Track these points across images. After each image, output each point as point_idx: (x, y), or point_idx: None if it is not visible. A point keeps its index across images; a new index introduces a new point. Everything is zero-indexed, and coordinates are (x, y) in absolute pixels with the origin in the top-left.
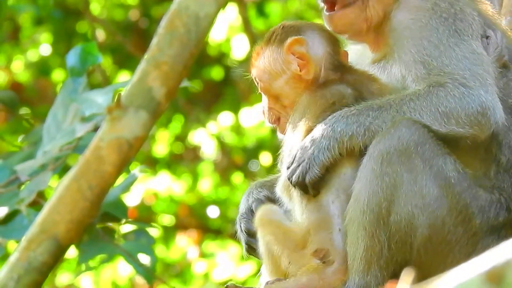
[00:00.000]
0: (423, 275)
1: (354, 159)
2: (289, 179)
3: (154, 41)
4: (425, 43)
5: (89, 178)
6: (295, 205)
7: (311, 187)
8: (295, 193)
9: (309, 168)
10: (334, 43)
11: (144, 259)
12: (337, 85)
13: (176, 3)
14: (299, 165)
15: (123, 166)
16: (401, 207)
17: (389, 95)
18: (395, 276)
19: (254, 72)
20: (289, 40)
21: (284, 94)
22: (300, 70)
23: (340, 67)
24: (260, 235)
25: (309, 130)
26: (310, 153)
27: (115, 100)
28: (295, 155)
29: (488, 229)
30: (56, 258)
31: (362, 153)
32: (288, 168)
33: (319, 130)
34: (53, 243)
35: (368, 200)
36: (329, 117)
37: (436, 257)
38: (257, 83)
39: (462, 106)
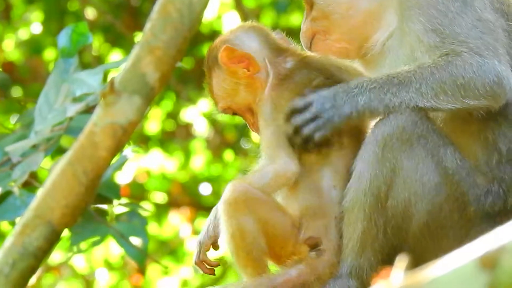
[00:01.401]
0: (416, 259)
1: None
2: (299, 128)
3: (147, 26)
4: (433, 11)
5: (83, 163)
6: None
7: (315, 144)
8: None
9: (323, 126)
10: (262, 32)
11: (136, 241)
12: (298, 72)
13: None
14: (313, 120)
15: (117, 150)
16: (399, 192)
17: (410, 67)
18: (388, 259)
19: (220, 104)
20: (219, 55)
21: (252, 100)
22: (248, 70)
23: (285, 52)
24: (231, 219)
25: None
26: (330, 115)
27: (109, 86)
28: (311, 108)
29: (483, 216)
30: (51, 243)
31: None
32: (298, 119)
33: (341, 94)
34: (48, 228)
35: (370, 182)
36: (352, 85)
37: (430, 242)
38: (225, 111)
39: (479, 76)
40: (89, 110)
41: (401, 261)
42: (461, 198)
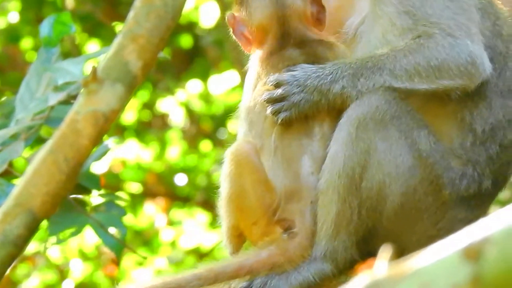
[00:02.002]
0: (391, 241)
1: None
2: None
3: (131, 14)
4: None
5: (65, 151)
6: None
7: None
8: (271, 143)
9: (287, 108)
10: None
11: (112, 231)
12: (285, 51)
13: None
14: (280, 100)
15: (98, 139)
16: (373, 174)
17: (383, 50)
18: (363, 242)
19: None
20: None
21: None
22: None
23: (288, 28)
24: (232, 173)
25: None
26: (297, 98)
27: (91, 73)
28: (281, 88)
29: (458, 199)
30: (31, 231)
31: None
32: (267, 96)
33: (313, 79)
34: (29, 216)
35: (344, 163)
36: (327, 71)
37: (405, 224)
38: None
39: (452, 57)
40: (70, 99)
41: (385, 251)
42: (436, 180)
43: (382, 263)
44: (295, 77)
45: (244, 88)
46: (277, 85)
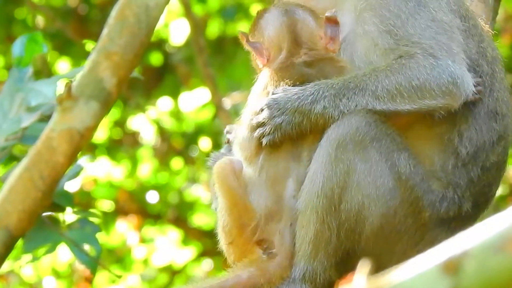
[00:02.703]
0: (372, 263)
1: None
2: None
3: (105, 31)
4: (386, 12)
5: (40, 168)
6: (253, 177)
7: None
8: (257, 163)
9: (270, 132)
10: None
11: (88, 248)
12: (296, 66)
13: None
14: (263, 125)
15: (74, 156)
16: (352, 195)
17: (365, 70)
18: (341, 263)
19: None
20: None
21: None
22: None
23: (300, 45)
24: (217, 191)
25: None
26: (278, 121)
27: (66, 91)
28: (263, 111)
29: (438, 221)
30: (8, 248)
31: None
32: (253, 121)
33: (294, 101)
34: (5, 233)
35: (323, 184)
36: (307, 92)
37: (384, 246)
38: None
39: (434, 76)
40: (44, 119)
41: (363, 266)
42: (416, 203)
43: (361, 278)
44: (276, 101)
45: (248, 99)
46: (261, 110)
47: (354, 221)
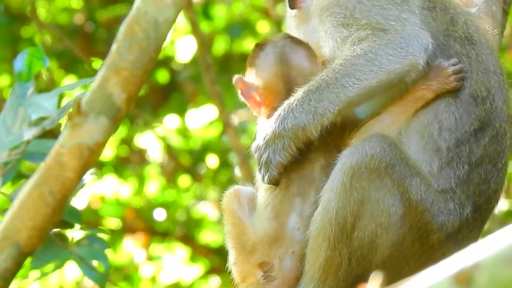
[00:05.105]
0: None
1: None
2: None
3: (114, 47)
4: (336, 9)
5: (50, 184)
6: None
7: (270, 184)
8: (263, 196)
9: (267, 171)
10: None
11: (97, 264)
12: None
13: (135, 9)
14: (260, 167)
15: (84, 172)
16: (365, 224)
17: (323, 72)
18: (355, 285)
19: None
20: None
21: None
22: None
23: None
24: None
25: None
26: (265, 157)
27: (75, 106)
28: (255, 156)
29: (445, 239)
30: (18, 265)
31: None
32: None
33: (270, 131)
34: (16, 250)
35: (336, 212)
36: (275, 116)
37: (392, 271)
38: None
39: (386, 45)
40: (46, 134)
41: (376, 279)
42: (424, 227)
43: None
44: (257, 142)
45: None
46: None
47: (367, 249)
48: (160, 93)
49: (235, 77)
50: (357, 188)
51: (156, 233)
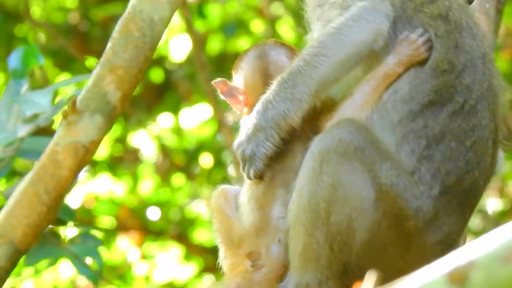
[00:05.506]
0: (362, 276)
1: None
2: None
3: (109, 45)
4: (318, 10)
5: (45, 182)
6: (244, 199)
7: (256, 178)
8: (246, 191)
9: (251, 165)
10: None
11: (91, 262)
12: None
13: (130, 7)
14: (243, 162)
15: (79, 170)
16: (340, 208)
17: (296, 59)
18: (340, 275)
19: None
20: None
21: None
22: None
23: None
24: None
25: None
26: (249, 151)
27: (70, 105)
28: (237, 152)
29: (423, 225)
30: (13, 263)
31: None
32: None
33: (251, 125)
34: (11, 248)
35: (309, 198)
36: (255, 110)
37: (372, 259)
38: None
39: (346, 18)
40: (41, 131)
41: (370, 277)
42: (399, 213)
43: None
44: (239, 139)
45: None
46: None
47: (346, 234)
48: (155, 92)
49: (216, 80)
50: (327, 173)
51: (150, 232)
